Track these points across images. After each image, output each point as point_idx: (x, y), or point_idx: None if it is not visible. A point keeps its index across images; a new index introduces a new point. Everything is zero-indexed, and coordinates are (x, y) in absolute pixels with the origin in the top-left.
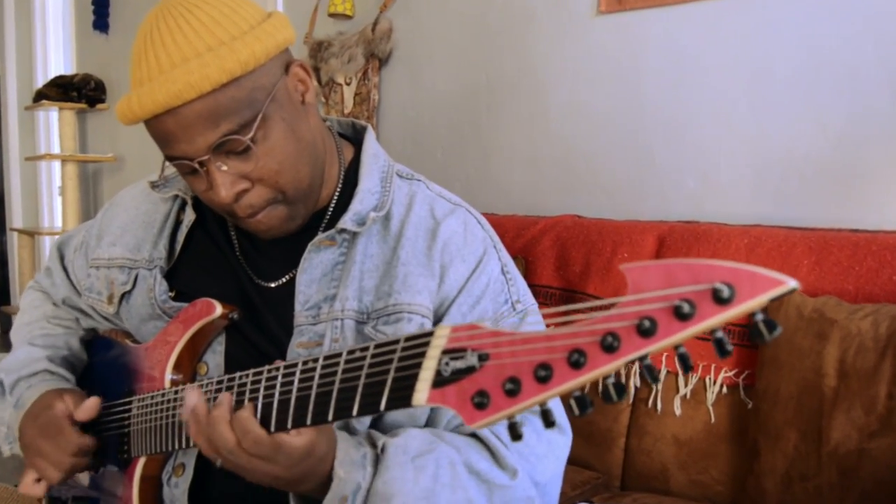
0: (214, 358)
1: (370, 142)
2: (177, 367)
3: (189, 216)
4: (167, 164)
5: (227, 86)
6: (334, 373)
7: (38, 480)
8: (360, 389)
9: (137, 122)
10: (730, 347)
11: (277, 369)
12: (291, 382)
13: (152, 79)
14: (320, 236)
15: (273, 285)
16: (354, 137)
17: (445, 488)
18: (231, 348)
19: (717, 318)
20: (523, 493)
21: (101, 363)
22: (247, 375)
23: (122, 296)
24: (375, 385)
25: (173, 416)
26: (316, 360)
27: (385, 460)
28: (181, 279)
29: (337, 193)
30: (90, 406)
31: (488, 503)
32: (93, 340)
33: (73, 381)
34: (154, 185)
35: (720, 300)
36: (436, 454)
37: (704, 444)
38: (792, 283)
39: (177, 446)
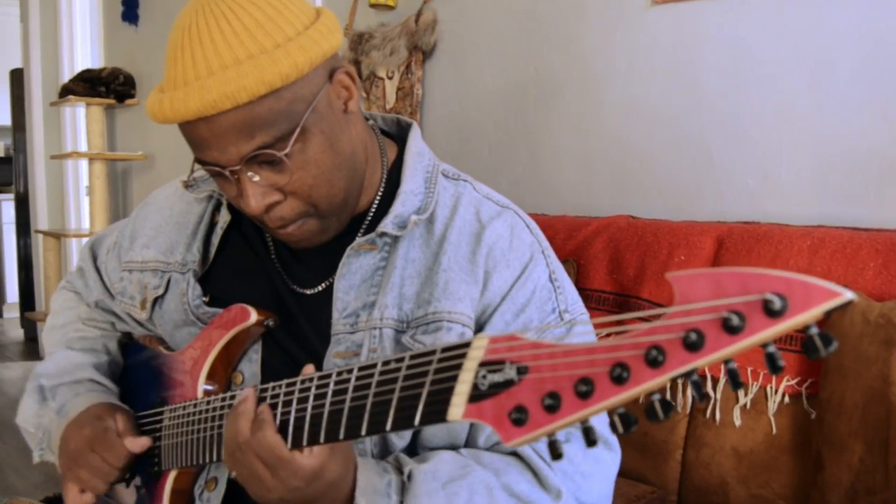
0: (250, 367)
1: (415, 140)
2: (210, 377)
3: (224, 217)
4: (197, 166)
5: (266, 97)
6: (368, 385)
7: (83, 491)
8: (394, 403)
9: (168, 124)
10: (781, 363)
11: (311, 380)
12: (325, 395)
13: (187, 83)
14: (360, 240)
15: (310, 292)
16: (399, 135)
17: None
18: (268, 357)
19: (768, 332)
20: None
21: (133, 369)
22: (279, 386)
23: (155, 300)
24: (410, 398)
25: (206, 428)
26: (350, 372)
27: (412, 488)
28: (215, 284)
29: (379, 195)
30: (143, 444)
31: None
32: (127, 345)
33: (117, 392)
34: (187, 185)
35: (771, 312)
36: (469, 479)
37: (766, 457)
38: (848, 295)
39: (209, 459)
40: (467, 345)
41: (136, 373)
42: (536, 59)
